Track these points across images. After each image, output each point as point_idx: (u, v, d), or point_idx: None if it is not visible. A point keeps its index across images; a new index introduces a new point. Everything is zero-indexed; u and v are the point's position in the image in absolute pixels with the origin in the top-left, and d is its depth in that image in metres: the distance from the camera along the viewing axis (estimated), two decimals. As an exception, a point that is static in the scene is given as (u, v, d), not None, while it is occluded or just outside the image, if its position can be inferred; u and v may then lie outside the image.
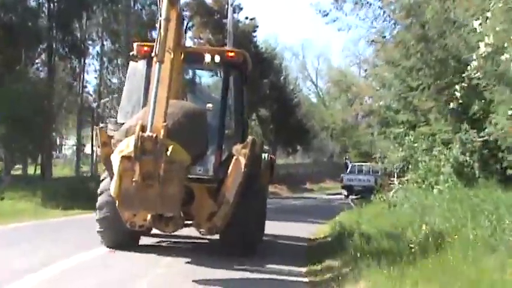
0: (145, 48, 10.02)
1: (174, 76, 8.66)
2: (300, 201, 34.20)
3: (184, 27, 44.92)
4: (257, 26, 46.38)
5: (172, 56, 8.28)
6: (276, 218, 13.74)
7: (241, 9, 44.86)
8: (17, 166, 31.20)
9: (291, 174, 52.23)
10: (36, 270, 8.36)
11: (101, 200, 10.10)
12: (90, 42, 33.34)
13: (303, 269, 10.00)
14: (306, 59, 75.23)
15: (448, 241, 8.96)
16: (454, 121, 15.23)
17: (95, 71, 34.53)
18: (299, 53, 74.25)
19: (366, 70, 22.97)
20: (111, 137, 8.95)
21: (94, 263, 9.41)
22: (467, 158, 14.48)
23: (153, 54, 8.18)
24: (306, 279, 9.15)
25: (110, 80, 35.29)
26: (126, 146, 7.82)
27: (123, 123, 9.09)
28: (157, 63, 8.05)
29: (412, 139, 16.70)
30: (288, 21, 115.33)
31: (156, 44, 8.06)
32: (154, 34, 39.04)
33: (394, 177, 23.17)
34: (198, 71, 12.02)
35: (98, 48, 33.77)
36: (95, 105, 34.67)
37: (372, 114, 23.45)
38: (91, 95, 35.41)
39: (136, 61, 10.53)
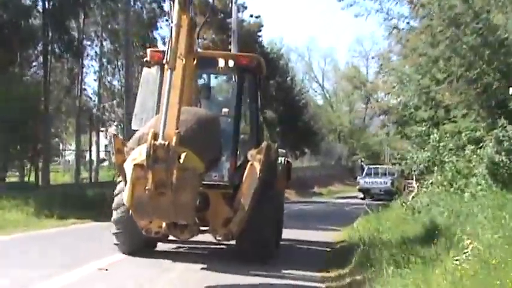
0: (159, 55, 9.87)
1: (187, 82, 8.65)
2: (310, 206, 32.56)
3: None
4: (262, 26, 45.10)
5: (184, 62, 8.20)
6: (286, 225, 12.63)
7: (245, 8, 43.56)
8: (12, 173, 29.54)
9: (299, 178, 50.36)
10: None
11: (116, 215, 10.16)
12: (88, 42, 31.78)
13: (319, 274, 10.07)
14: (311, 59, 73.28)
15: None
16: (488, 116, 13.56)
17: (94, 72, 32.99)
18: (305, 54, 72.54)
19: (381, 65, 21.22)
20: (125, 144, 8.89)
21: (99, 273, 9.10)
22: (503, 158, 12.77)
23: (164, 60, 8.12)
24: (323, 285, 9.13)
25: (109, 82, 33.80)
26: (138, 154, 7.76)
27: (137, 131, 9.04)
28: (169, 70, 7.96)
29: (437, 138, 15.01)
30: (293, 22, 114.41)
31: (168, 51, 7.97)
32: (155, 34, 38.42)
33: (412, 179, 21.59)
34: (211, 76, 11.99)
35: (96, 48, 32.22)
36: (95, 108, 33.17)
37: (387, 112, 21.72)
38: (90, 98, 33.77)
39: (150, 67, 10.47)
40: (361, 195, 38.28)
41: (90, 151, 30.75)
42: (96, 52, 31.94)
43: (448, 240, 9.63)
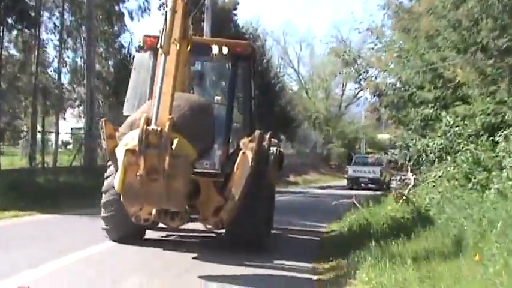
0: (152, 40, 9.81)
1: (180, 68, 8.57)
2: (287, 197, 29.85)
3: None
4: (238, 3, 42.08)
5: (178, 47, 8.08)
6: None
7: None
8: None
9: (273, 166, 48.08)
10: None
11: (106, 198, 9.97)
12: (47, 14, 28.41)
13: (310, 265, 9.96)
14: (287, 44, 70.57)
15: None
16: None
17: (55, 48, 29.69)
18: (280, 38, 69.74)
19: (377, 38, 18.50)
20: (117, 129, 8.70)
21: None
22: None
23: (158, 45, 8.02)
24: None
25: (68, 57, 30.61)
26: (131, 139, 7.75)
27: (128, 116, 8.96)
28: (163, 54, 7.88)
29: (450, 122, 12.33)
30: (269, 4, 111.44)
31: (162, 35, 7.90)
32: (122, 8, 35.48)
33: (404, 170, 18.99)
34: (205, 63, 11.68)
35: (56, 21, 28.81)
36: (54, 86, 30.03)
37: (381, 94, 19.07)
38: (50, 75, 30.26)
39: (143, 52, 10.50)
40: (346, 184, 38.38)
41: (43, 133, 27.60)
42: (55, 24, 28.70)
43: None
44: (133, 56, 33.06)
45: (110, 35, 32.36)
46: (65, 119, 34.83)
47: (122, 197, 8.12)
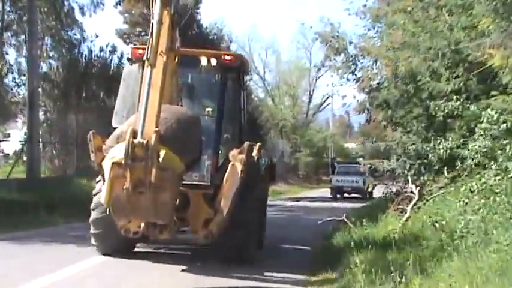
0: (140, 52, 9.61)
1: (168, 80, 8.44)
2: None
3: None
4: (200, 1, 38.63)
5: (165, 59, 7.92)
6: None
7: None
8: None
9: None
10: None
11: (95, 215, 10.00)
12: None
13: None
14: (252, 50, 67.52)
15: None
16: None
17: None
18: (245, 44, 66.68)
19: (376, 16, 15.03)
20: (104, 142, 8.49)
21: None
22: None
23: (145, 57, 7.96)
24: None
25: (8, 54, 26.68)
26: (117, 152, 7.62)
27: (116, 128, 8.87)
28: (149, 66, 7.77)
29: (494, 116, 8.89)
30: (233, 9, 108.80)
31: (148, 47, 7.77)
32: (72, 2, 31.82)
33: (407, 182, 15.69)
34: (194, 75, 11.25)
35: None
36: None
37: (373, 90, 15.76)
38: None
39: (132, 64, 10.44)
40: (330, 193, 38.68)
41: None
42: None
43: None
44: (85, 55, 30.28)
45: (58, 31, 28.55)
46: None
47: (109, 211, 7.98)
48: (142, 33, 37.21)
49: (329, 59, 17.62)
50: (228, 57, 10.60)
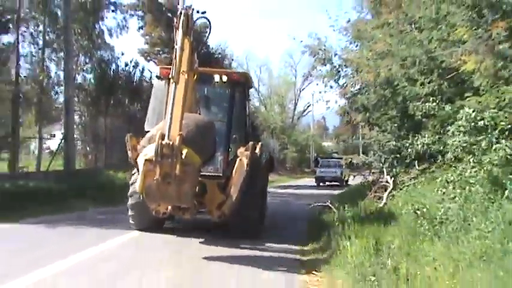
0: (167, 71, 9.38)
1: (188, 94, 8.38)
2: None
3: (139, 27, 37.18)
4: (208, 26, 37.28)
5: (186, 77, 7.98)
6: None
7: (192, 10, 35.85)
8: None
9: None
10: None
11: (132, 201, 10.21)
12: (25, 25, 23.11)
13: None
14: (249, 68, 66.62)
15: None
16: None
17: (32, 55, 24.10)
18: (243, 63, 65.74)
19: (358, 30, 14.01)
20: (138, 142, 8.81)
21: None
22: None
23: (170, 75, 8.03)
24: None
25: (50, 70, 25.45)
26: (149, 151, 7.70)
27: (148, 132, 9.04)
28: (173, 83, 7.85)
29: (471, 114, 7.78)
30: (233, 34, 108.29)
31: (173, 68, 7.88)
32: (102, 26, 30.75)
33: (382, 173, 14.61)
34: (209, 89, 11.15)
35: (31, 28, 23.61)
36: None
37: (353, 96, 14.66)
38: (29, 83, 24.87)
39: (160, 80, 10.43)
40: (315, 182, 38.38)
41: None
42: (32, 34, 23.54)
43: None
44: (113, 69, 29.21)
45: (90, 49, 27.38)
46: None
47: (143, 197, 8.04)
48: (160, 52, 36.33)
49: (315, 69, 16.59)
50: (236, 75, 10.93)
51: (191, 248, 9.17)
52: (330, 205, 14.03)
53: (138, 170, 8.37)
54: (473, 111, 7.61)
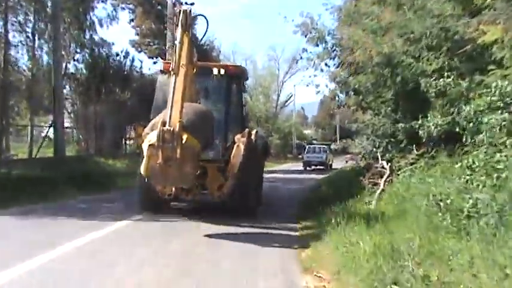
0: (169, 65, 8.57)
1: (188, 85, 8.26)
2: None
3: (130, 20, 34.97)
4: (196, 18, 35.04)
5: (185, 70, 7.86)
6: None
7: (180, 3, 33.66)
8: None
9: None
10: None
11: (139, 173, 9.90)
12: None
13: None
14: (236, 61, 64.79)
15: None
16: None
17: (23, 44, 21.41)
18: (230, 56, 63.65)
19: (355, 5, 11.93)
20: (144, 129, 8.31)
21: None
22: None
23: (171, 68, 7.91)
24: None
25: (43, 59, 23.08)
26: (152, 137, 7.55)
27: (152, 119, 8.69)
28: (174, 75, 7.78)
29: (507, 87, 5.92)
30: (220, 28, 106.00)
31: (173, 61, 7.84)
32: (93, 17, 28.48)
33: (376, 159, 12.76)
34: (209, 81, 10.68)
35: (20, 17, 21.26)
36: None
37: (345, 80, 12.76)
38: (21, 71, 22.50)
39: (163, 74, 10.19)
40: (302, 166, 37.94)
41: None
42: (19, 22, 21.15)
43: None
44: (104, 59, 26.98)
45: (81, 38, 25.09)
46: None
47: (148, 179, 7.98)
48: (151, 43, 34.19)
49: (306, 52, 14.64)
50: (232, 68, 10.85)
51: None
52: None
53: (143, 154, 8.07)
54: (508, 84, 5.77)
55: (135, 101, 25.00)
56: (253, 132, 9.88)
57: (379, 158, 12.36)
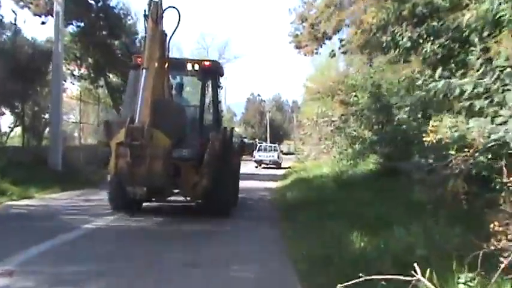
0: (140, 59, 8.74)
1: (160, 80, 8.25)
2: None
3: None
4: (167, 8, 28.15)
5: (156, 64, 7.87)
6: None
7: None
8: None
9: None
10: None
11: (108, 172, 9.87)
12: None
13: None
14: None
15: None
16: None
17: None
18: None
19: None
20: (112, 127, 8.42)
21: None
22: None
23: (141, 63, 7.92)
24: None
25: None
26: (120, 135, 7.51)
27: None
28: (144, 70, 7.68)
29: None
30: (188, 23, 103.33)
31: (143, 55, 7.81)
32: None
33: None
34: (182, 77, 11.05)
35: None
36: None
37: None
38: None
39: (135, 70, 9.49)
40: (255, 165, 37.73)
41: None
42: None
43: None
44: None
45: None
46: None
47: (119, 179, 7.96)
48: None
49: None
50: (207, 63, 10.30)
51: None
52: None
53: (111, 153, 7.88)
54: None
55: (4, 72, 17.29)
56: (229, 129, 10.04)
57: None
